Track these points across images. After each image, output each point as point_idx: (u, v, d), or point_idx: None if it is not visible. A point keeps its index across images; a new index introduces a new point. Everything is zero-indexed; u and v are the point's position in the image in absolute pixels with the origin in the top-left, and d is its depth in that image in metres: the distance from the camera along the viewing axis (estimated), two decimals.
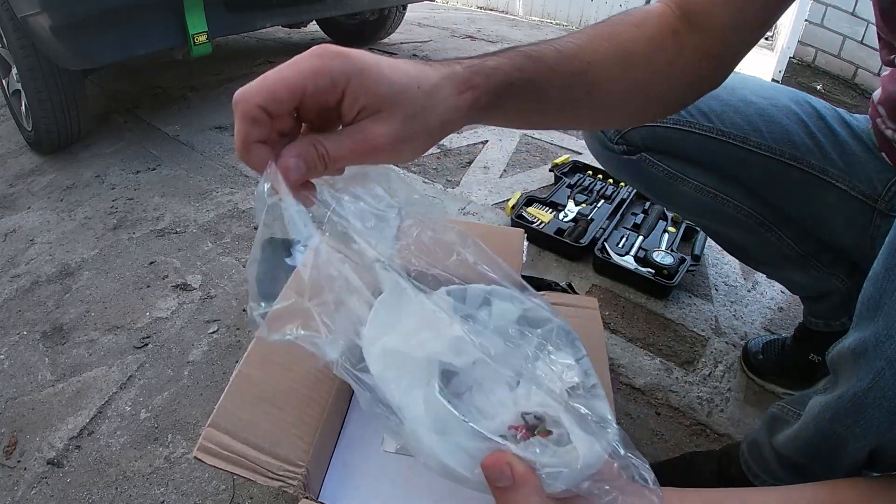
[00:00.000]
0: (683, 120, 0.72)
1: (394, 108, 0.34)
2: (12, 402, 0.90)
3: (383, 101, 0.34)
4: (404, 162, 0.37)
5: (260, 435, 0.57)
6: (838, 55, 2.49)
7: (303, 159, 0.33)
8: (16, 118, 1.75)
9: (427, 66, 0.36)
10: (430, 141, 0.37)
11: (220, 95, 2.14)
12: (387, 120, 0.34)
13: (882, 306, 0.40)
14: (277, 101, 0.32)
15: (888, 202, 0.64)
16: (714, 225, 0.82)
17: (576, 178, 1.42)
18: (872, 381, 0.40)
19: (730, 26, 0.45)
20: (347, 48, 0.33)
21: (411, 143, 0.35)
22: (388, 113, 0.34)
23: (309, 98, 0.33)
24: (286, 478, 0.55)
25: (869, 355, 0.40)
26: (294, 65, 0.33)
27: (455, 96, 0.36)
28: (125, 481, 0.77)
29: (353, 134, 0.34)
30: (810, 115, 0.69)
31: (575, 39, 0.43)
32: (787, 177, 0.69)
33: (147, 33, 1.43)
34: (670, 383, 0.92)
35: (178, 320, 1.05)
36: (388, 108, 0.34)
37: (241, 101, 0.33)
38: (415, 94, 0.35)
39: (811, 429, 0.49)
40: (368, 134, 0.34)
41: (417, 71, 0.35)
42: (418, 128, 0.35)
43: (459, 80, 0.37)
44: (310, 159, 0.34)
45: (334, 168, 0.35)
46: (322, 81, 0.32)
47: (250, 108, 0.32)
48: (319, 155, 0.33)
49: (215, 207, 1.40)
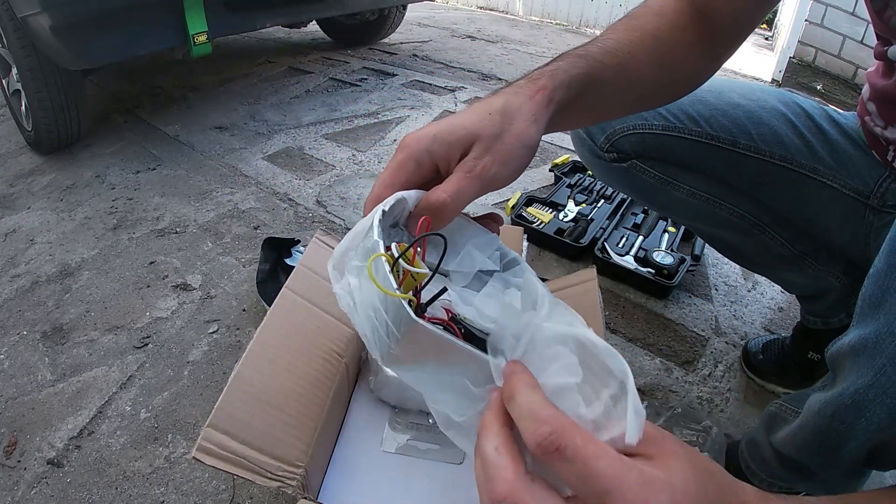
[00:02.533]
0: (672, 125, 0.72)
1: (478, 139, 0.37)
2: (12, 402, 0.90)
3: (467, 141, 0.37)
4: (516, 177, 0.39)
5: (258, 435, 0.57)
6: (838, 55, 2.48)
7: (429, 206, 0.36)
8: (16, 118, 1.75)
9: (489, 96, 0.40)
10: (530, 147, 0.39)
11: (220, 95, 2.14)
12: (477, 148, 0.37)
13: (884, 303, 0.40)
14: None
15: (880, 198, 0.64)
16: (708, 228, 0.82)
17: (576, 178, 1.42)
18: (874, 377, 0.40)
19: (737, 10, 0.49)
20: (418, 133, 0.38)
21: (512, 155, 0.37)
22: (479, 143, 0.37)
23: (409, 187, 0.37)
24: (284, 478, 0.55)
25: (870, 352, 0.40)
26: (385, 168, 0.38)
27: (529, 101, 0.39)
28: (125, 481, 0.77)
29: (458, 171, 0.37)
30: (798, 115, 0.69)
31: (611, 35, 0.47)
32: (778, 177, 0.69)
33: (147, 33, 1.43)
34: (670, 383, 0.92)
35: (178, 320, 1.05)
36: (476, 140, 0.37)
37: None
38: (488, 119, 0.38)
39: (811, 426, 0.49)
40: (468, 164, 0.37)
41: (483, 104, 0.39)
42: (511, 140, 0.37)
43: (527, 87, 0.40)
44: (435, 204, 0.36)
45: (458, 207, 0.36)
46: (409, 166, 0.37)
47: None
48: (441, 202, 0.36)
49: (215, 207, 1.40)
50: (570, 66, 0.43)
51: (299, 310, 0.72)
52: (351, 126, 1.87)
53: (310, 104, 2.05)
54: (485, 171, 0.36)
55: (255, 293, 1.07)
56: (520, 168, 0.39)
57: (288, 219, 1.35)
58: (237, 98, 2.11)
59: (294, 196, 1.45)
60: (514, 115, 0.38)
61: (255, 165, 1.61)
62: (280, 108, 2.02)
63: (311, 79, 2.31)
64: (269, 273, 1.08)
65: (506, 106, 0.38)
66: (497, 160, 0.37)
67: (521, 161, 0.38)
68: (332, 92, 2.17)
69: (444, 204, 0.35)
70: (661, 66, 0.48)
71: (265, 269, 1.08)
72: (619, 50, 0.46)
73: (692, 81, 0.54)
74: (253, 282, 1.10)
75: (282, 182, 1.52)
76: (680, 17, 0.49)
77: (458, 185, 0.36)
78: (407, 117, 1.92)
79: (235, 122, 1.91)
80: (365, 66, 2.48)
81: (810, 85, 2.43)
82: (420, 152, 0.37)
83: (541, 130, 0.39)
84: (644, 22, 0.49)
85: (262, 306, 1.03)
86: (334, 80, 2.29)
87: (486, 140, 0.37)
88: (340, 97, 2.11)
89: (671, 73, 0.50)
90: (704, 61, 0.52)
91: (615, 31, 0.48)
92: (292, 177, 1.55)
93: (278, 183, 1.51)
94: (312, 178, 1.54)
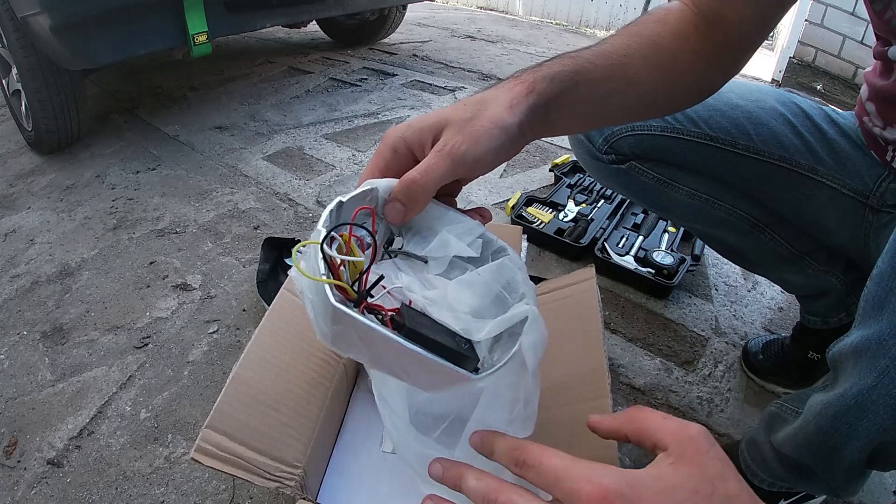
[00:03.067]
0: (671, 126, 0.72)
1: (449, 123, 0.38)
2: (12, 402, 0.90)
3: (440, 124, 0.38)
4: (494, 162, 0.39)
5: (257, 436, 0.57)
6: (838, 55, 2.48)
7: (401, 187, 0.37)
8: (16, 118, 1.75)
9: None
10: (503, 128, 0.38)
11: (220, 95, 2.14)
12: (448, 132, 0.38)
13: (887, 305, 0.39)
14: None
15: (879, 198, 0.64)
16: (708, 229, 0.82)
17: (576, 178, 1.42)
18: (877, 379, 0.40)
19: (745, 17, 0.48)
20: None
21: (483, 135, 0.37)
22: (450, 126, 0.38)
23: (390, 174, 0.39)
24: (283, 479, 0.55)
25: (873, 353, 0.40)
26: (370, 161, 0.40)
27: (506, 91, 0.40)
28: (125, 481, 0.77)
29: (430, 153, 0.37)
30: (797, 115, 0.69)
31: (609, 40, 0.48)
32: (777, 178, 0.69)
33: (147, 33, 1.43)
34: (670, 383, 0.92)
35: (178, 320, 1.05)
36: (447, 125, 0.38)
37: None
38: (464, 106, 0.39)
39: (812, 427, 0.49)
40: (438, 145, 0.37)
41: (463, 99, 0.40)
42: (482, 122, 0.37)
43: (506, 81, 0.41)
44: (405, 184, 0.37)
45: (430, 185, 0.37)
46: (386, 154, 0.39)
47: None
48: (411, 179, 0.36)
49: (215, 207, 1.40)
50: (555, 63, 0.43)
51: (298, 310, 0.72)
52: (351, 126, 1.87)
53: (310, 104, 2.05)
54: (455, 149, 0.36)
55: (255, 293, 1.07)
56: (492, 148, 0.38)
57: (288, 219, 1.35)
58: (237, 98, 2.11)
59: (294, 196, 1.45)
60: (489, 102, 0.39)
61: (255, 165, 1.61)
62: (280, 108, 2.02)
63: (311, 79, 2.31)
64: (269, 273, 1.08)
65: (482, 97, 0.40)
66: (467, 140, 0.37)
67: (492, 141, 0.37)
68: (332, 92, 2.17)
69: (413, 181, 0.36)
70: (660, 72, 0.48)
71: (265, 269, 1.08)
72: (613, 53, 0.46)
73: (701, 90, 0.53)
74: (253, 282, 1.10)
75: (282, 182, 1.52)
76: (683, 25, 0.48)
77: (427, 164, 0.36)
78: (407, 117, 1.92)
79: (235, 122, 1.91)
80: (365, 66, 2.48)
81: (810, 85, 2.42)
82: (396, 139, 0.39)
83: (518, 116, 0.39)
84: (643, 28, 0.48)
85: (262, 306, 1.03)
86: (334, 80, 2.29)
87: (457, 123, 0.37)
88: (340, 97, 2.11)
89: (673, 80, 0.49)
90: (714, 71, 0.51)
91: (613, 37, 0.48)
92: (292, 177, 1.55)
93: (278, 183, 1.51)
94: (312, 178, 1.54)
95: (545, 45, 2.98)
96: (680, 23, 0.48)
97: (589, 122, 0.51)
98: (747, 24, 0.48)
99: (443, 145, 0.37)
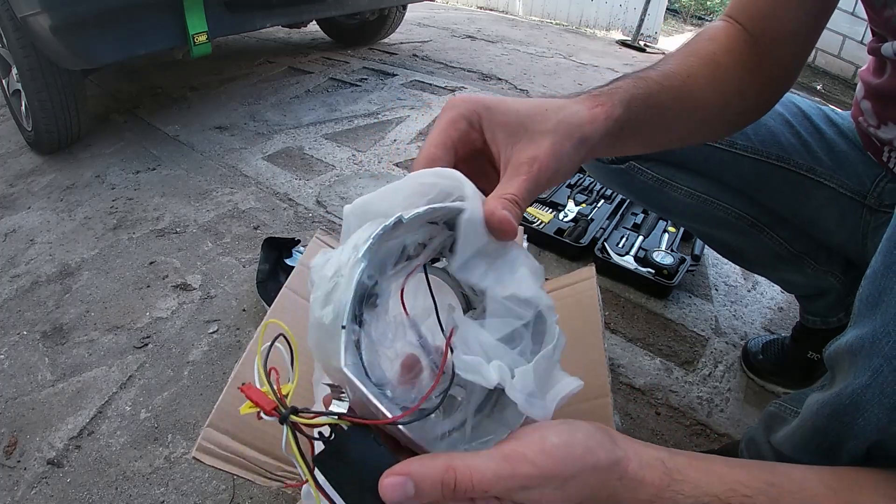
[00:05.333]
0: None
1: (530, 130, 0.36)
2: (12, 402, 0.90)
3: (517, 127, 0.36)
4: (563, 179, 0.39)
5: (258, 435, 0.57)
6: (838, 55, 2.49)
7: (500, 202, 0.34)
8: (16, 118, 1.75)
9: (548, 97, 0.40)
10: (578, 152, 0.37)
11: (220, 95, 2.14)
12: (530, 137, 0.36)
13: (881, 304, 0.40)
14: (440, 162, 0.36)
15: (877, 198, 0.64)
16: (707, 229, 0.82)
17: (576, 178, 1.42)
18: (871, 378, 0.40)
19: (792, 30, 0.49)
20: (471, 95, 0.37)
21: (560, 154, 0.36)
22: (528, 136, 0.36)
23: (461, 146, 0.37)
24: (285, 478, 0.55)
25: (867, 352, 0.40)
26: (434, 127, 0.37)
27: (587, 110, 0.38)
28: (125, 481, 0.77)
29: (511, 167, 0.36)
30: (795, 116, 0.69)
31: (668, 60, 0.47)
32: (775, 178, 0.69)
33: (147, 33, 1.43)
34: (670, 383, 0.92)
35: (178, 320, 1.05)
36: (524, 132, 0.36)
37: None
38: (544, 114, 0.37)
39: (809, 426, 0.49)
40: (522, 157, 0.36)
41: (542, 100, 0.38)
42: (561, 139, 0.37)
43: (586, 99, 0.39)
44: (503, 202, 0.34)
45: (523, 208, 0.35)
46: (461, 125, 0.37)
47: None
48: (510, 199, 0.34)
49: (215, 207, 1.40)
50: (629, 85, 0.42)
51: (299, 310, 0.72)
52: (351, 126, 1.87)
53: (310, 104, 2.05)
54: (542, 172, 0.35)
55: (255, 293, 1.07)
56: (566, 174, 0.38)
57: (288, 219, 1.35)
58: (237, 98, 2.11)
59: (294, 196, 1.45)
60: (570, 118, 0.37)
61: (255, 165, 1.61)
62: (280, 108, 2.02)
63: (311, 79, 2.31)
64: (269, 273, 1.08)
65: (561, 105, 0.38)
66: (553, 163, 0.36)
67: (570, 167, 0.37)
68: (332, 92, 2.17)
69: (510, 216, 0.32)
70: (722, 90, 0.47)
71: (265, 269, 1.08)
72: (678, 73, 0.45)
73: (758, 107, 0.53)
74: (253, 282, 1.10)
75: (282, 182, 1.52)
76: (733, 42, 0.49)
77: (518, 187, 0.34)
78: (407, 117, 1.92)
79: (235, 122, 1.91)
80: (365, 66, 2.48)
81: (810, 85, 2.43)
82: (471, 112, 0.37)
83: (593, 141, 0.38)
84: (698, 48, 0.48)
85: (262, 306, 1.04)
86: (334, 80, 2.29)
87: (538, 134, 0.36)
88: (340, 97, 2.11)
89: (732, 97, 0.49)
90: (764, 88, 0.51)
91: (671, 57, 0.48)
92: (292, 177, 1.55)
93: (278, 183, 1.51)
94: (312, 178, 1.55)
95: (545, 45, 2.99)
96: (729, 39, 0.49)
97: (649, 146, 0.50)
98: (790, 37, 0.49)
99: (530, 162, 0.35)
